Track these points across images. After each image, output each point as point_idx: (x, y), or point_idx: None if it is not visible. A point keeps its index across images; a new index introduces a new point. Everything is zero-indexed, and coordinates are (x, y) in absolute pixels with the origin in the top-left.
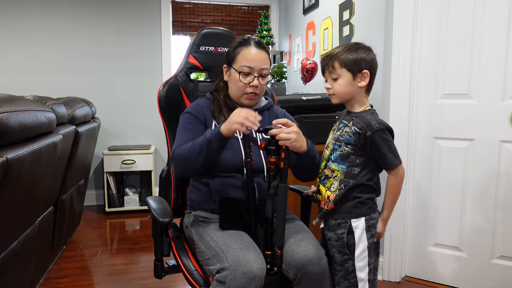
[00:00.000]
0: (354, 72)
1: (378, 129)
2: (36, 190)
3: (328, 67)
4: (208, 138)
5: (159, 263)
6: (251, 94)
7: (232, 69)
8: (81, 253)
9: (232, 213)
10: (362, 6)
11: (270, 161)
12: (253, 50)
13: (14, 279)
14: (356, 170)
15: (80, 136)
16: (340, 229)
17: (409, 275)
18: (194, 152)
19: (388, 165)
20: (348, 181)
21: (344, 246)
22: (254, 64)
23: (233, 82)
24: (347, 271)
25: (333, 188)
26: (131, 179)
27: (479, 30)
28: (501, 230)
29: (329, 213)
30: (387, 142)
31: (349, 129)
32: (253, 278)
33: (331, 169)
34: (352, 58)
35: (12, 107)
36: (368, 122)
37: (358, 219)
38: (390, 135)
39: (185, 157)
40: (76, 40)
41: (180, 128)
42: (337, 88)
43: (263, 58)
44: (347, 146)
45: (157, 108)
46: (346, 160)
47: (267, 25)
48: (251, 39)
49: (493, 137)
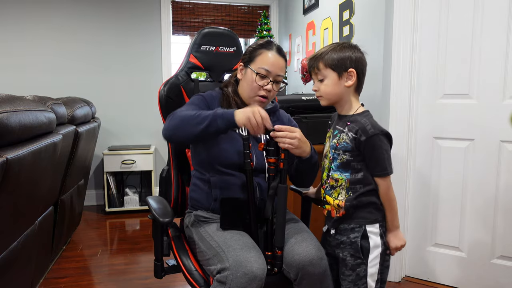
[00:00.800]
0: (339, 72)
1: (372, 134)
2: (36, 190)
3: (313, 69)
4: (218, 114)
5: (159, 263)
6: (263, 97)
7: (248, 69)
8: (81, 253)
9: (233, 213)
10: (362, 6)
11: (270, 162)
12: (273, 55)
13: (14, 279)
14: (360, 175)
15: (80, 136)
16: (353, 233)
17: (409, 275)
18: (196, 119)
19: (378, 172)
20: (355, 187)
21: (358, 250)
22: (272, 68)
23: (247, 82)
24: (358, 276)
25: (341, 197)
26: (131, 179)
27: (479, 30)
28: (501, 230)
29: (341, 219)
30: (381, 149)
31: (346, 136)
32: (254, 279)
33: (335, 178)
34: (336, 57)
35: (12, 107)
36: (363, 127)
37: (373, 224)
38: (386, 140)
39: (184, 119)
40: (76, 40)
41: (189, 103)
42: (324, 89)
43: (281, 65)
44: (345, 153)
45: (157, 108)
46: (348, 167)
47: (267, 25)
48: (273, 44)
49: (493, 137)
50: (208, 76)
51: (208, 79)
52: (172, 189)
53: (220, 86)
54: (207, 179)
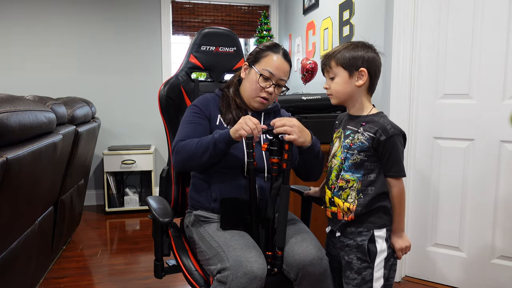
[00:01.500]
0: (350, 70)
1: (393, 134)
2: (36, 190)
3: (325, 67)
4: (216, 139)
5: (159, 263)
6: (264, 98)
7: (253, 69)
8: (81, 253)
9: (233, 214)
10: (362, 6)
11: (273, 162)
12: (279, 59)
13: (14, 279)
14: (372, 176)
15: (80, 136)
16: (360, 237)
17: (409, 275)
18: (199, 150)
19: (395, 173)
20: (366, 189)
21: (365, 253)
22: (276, 72)
23: (250, 82)
24: (363, 280)
25: (350, 199)
26: (131, 179)
27: (479, 30)
28: (501, 230)
29: (349, 223)
30: (399, 150)
31: (362, 136)
32: (254, 279)
33: (345, 179)
34: (348, 56)
35: (12, 107)
36: (383, 126)
37: (381, 229)
38: (403, 142)
39: (190, 152)
40: (76, 40)
41: (184, 120)
42: (334, 88)
43: (285, 70)
44: (360, 154)
45: (157, 108)
46: (361, 168)
47: (267, 25)
48: (280, 47)
49: (493, 137)
50: (208, 76)
51: (208, 79)
52: (172, 189)
53: (221, 87)
54: (207, 179)
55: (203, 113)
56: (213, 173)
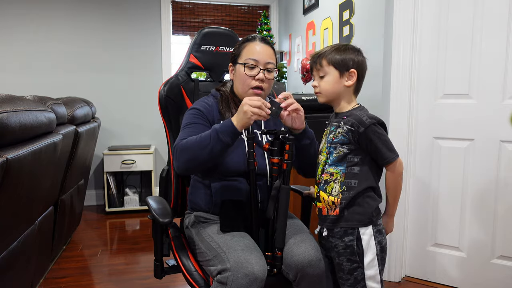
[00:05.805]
0: (341, 70)
1: (370, 123)
2: (36, 190)
3: (316, 65)
4: (218, 130)
5: (159, 263)
6: (257, 88)
7: (237, 65)
8: (81, 253)
9: (234, 216)
10: (362, 6)
11: (273, 162)
12: (258, 44)
13: (14, 279)
14: (356, 169)
15: (80, 136)
16: (347, 236)
17: (409, 275)
18: (201, 145)
19: (385, 159)
20: (350, 181)
21: (354, 253)
22: (260, 56)
23: (239, 77)
24: (356, 280)
25: (335, 192)
26: (131, 179)
27: (479, 30)
28: (501, 230)
29: (335, 220)
30: (381, 136)
31: (341, 129)
32: (255, 280)
33: (329, 172)
34: (339, 57)
35: (12, 107)
36: (359, 118)
37: (366, 227)
38: (383, 129)
39: (190, 149)
40: (76, 40)
41: (185, 123)
42: (323, 86)
43: (268, 53)
44: (343, 146)
45: (157, 108)
46: (344, 160)
47: (267, 25)
48: (256, 35)
49: (493, 137)
50: (208, 76)
51: (208, 79)
52: (172, 189)
53: (216, 88)
54: (208, 184)
55: (204, 116)
56: (214, 180)
